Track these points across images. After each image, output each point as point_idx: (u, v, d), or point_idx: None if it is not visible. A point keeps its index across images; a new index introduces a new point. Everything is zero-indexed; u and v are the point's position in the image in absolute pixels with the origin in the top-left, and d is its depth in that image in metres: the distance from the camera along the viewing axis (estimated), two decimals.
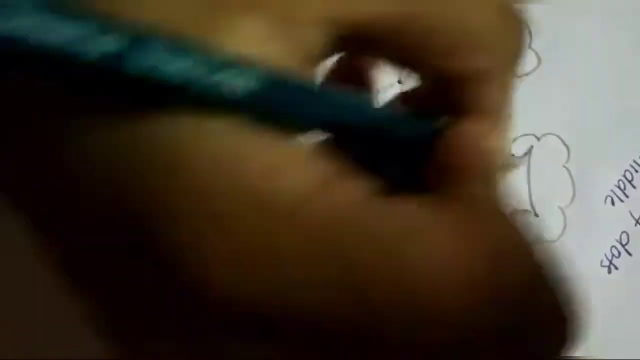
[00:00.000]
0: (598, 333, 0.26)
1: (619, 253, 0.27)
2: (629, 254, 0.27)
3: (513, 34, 0.19)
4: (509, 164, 0.24)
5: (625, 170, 0.28)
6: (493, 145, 0.19)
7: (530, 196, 0.27)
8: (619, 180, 0.28)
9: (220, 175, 0.13)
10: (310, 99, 0.14)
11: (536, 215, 0.27)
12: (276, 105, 0.13)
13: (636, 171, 0.28)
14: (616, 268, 0.27)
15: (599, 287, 0.26)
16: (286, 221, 0.13)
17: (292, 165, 0.14)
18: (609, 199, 0.27)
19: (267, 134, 0.14)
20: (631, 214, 0.27)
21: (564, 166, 0.28)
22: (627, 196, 0.27)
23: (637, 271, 0.27)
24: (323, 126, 0.15)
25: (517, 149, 0.28)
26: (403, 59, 0.17)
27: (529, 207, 0.27)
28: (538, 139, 0.28)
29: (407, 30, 0.16)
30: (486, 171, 0.18)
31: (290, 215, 0.13)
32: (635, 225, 0.27)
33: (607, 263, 0.27)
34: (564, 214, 0.27)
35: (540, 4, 0.29)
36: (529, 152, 0.28)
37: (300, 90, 0.14)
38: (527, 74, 0.29)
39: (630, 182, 0.28)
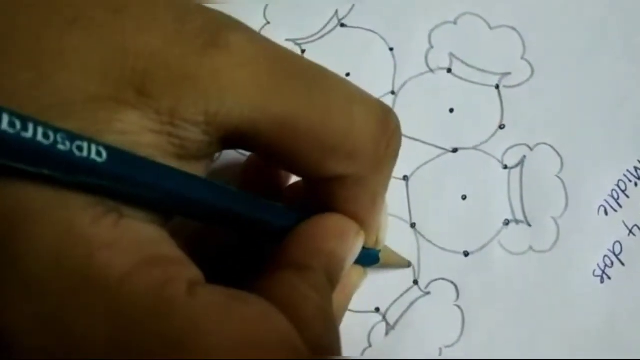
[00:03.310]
0: (590, 343, 0.26)
1: (612, 263, 0.27)
2: (622, 264, 0.27)
3: (389, 143, 0.19)
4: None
5: (619, 180, 0.28)
6: (341, 247, 0.19)
7: (523, 206, 0.27)
8: (613, 190, 0.28)
9: (47, 245, 0.14)
10: (155, 173, 0.16)
11: (529, 225, 0.27)
12: (121, 176, 0.15)
13: (630, 181, 0.28)
14: (609, 278, 0.27)
15: (592, 297, 0.26)
16: (94, 293, 0.14)
17: (116, 245, 0.15)
18: (602, 209, 0.27)
19: (109, 215, 0.15)
20: (625, 224, 0.27)
21: (557, 176, 0.28)
22: (620, 206, 0.27)
23: (630, 281, 0.27)
24: (170, 204, 0.17)
25: (510, 158, 0.28)
26: (281, 162, 0.18)
27: (522, 217, 0.27)
28: (531, 148, 0.28)
29: (281, 134, 0.17)
30: (317, 271, 0.18)
31: (100, 292, 0.14)
32: (629, 235, 0.27)
33: (600, 273, 0.27)
34: (557, 224, 0.27)
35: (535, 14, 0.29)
36: (521, 162, 0.28)
37: (146, 165, 0.16)
38: (520, 84, 0.29)
39: (623, 192, 0.28)
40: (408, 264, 0.26)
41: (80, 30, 0.15)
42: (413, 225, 0.27)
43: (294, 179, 0.24)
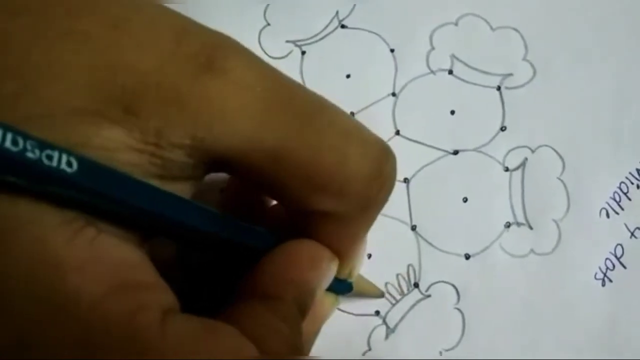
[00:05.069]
0: (592, 346, 0.26)
1: (614, 266, 0.27)
2: (624, 266, 0.27)
3: (381, 187, 0.19)
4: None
5: (621, 182, 0.28)
6: (313, 275, 0.19)
7: (524, 208, 0.27)
8: (614, 192, 0.27)
9: (18, 266, 0.14)
10: (129, 188, 0.15)
11: (530, 227, 0.27)
12: (93, 188, 0.15)
13: (632, 183, 0.28)
14: (610, 281, 0.27)
15: (593, 300, 0.26)
16: (65, 318, 0.14)
17: (89, 268, 0.14)
18: (604, 212, 0.27)
19: (85, 232, 0.15)
20: (626, 227, 0.27)
21: (559, 178, 0.28)
22: (622, 208, 0.27)
23: (632, 284, 0.27)
24: (148, 220, 0.16)
25: (512, 160, 0.28)
26: (267, 191, 0.18)
27: (523, 220, 0.27)
28: (532, 150, 0.28)
29: (269, 166, 0.17)
30: (287, 302, 0.18)
31: (69, 318, 0.14)
32: (631, 237, 0.27)
33: (602, 276, 0.27)
34: (558, 226, 0.27)
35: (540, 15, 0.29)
36: (523, 164, 0.28)
37: (119, 179, 0.15)
38: (522, 86, 0.28)
39: (625, 194, 0.27)
40: (381, 294, 0.26)
41: (72, 43, 0.15)
42: (414, 228, 0.27)
43: None
